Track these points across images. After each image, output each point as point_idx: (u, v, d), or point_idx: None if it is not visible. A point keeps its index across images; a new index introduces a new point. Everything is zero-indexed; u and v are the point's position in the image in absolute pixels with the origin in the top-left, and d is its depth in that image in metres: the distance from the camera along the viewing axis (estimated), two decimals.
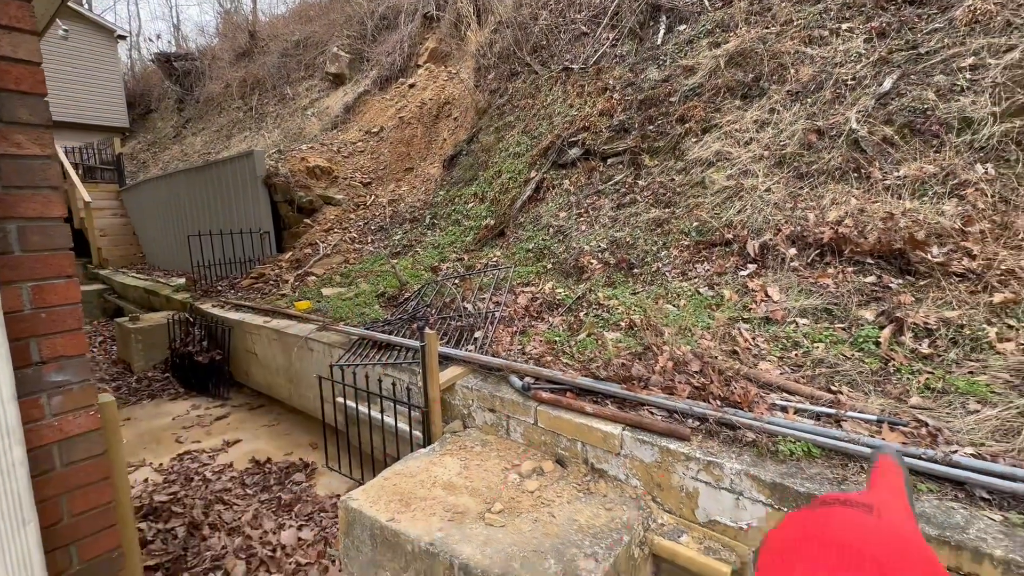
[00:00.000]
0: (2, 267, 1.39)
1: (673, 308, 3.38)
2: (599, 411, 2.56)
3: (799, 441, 2.11)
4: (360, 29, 13.03)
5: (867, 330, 2.66)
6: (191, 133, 16.00)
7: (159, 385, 5.93)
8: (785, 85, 4.26)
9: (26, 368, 1.47)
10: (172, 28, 29.37)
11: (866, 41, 4.08)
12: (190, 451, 4.30)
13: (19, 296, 1.45)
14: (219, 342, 5.59)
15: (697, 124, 4.59)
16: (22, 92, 1.43)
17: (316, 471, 3.95)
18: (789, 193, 3.70)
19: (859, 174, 3.51)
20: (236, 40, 17.04)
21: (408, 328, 3.93)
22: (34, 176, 1.46)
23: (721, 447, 2.22)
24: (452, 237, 5.82)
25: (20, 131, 1.43)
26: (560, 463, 2.65)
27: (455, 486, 2.50)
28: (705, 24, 5.20)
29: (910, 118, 3.52)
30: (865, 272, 3.01)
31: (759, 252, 3.47)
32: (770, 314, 2.99)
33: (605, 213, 4.63)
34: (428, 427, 3.08)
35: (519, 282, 4.41)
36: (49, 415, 1.52)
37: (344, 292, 5.37)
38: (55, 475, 1.53)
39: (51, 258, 1.50)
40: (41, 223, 1.48)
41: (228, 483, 3.73)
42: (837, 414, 2.20)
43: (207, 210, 8.61)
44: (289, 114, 13.10)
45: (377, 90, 11.18)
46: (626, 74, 5.51)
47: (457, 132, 8.09)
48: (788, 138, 3.95)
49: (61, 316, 1.52)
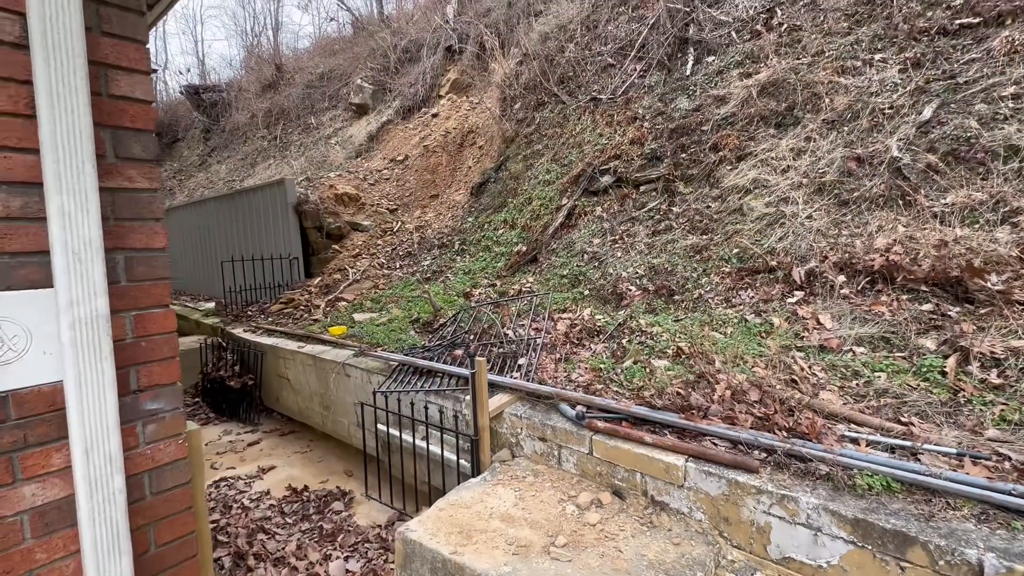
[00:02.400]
0: (111, 297, 1.43)
1: (720, 336, 3.35)
2: (659, 441, 2.52)
3: (876, 475, 2.05)
4: (383, 62, 13.48)
5: (930, 359, 2.61)
6: (216, 161, 16.46)
7: (190, 410, 5.95)
8: (820, 114, 4.31)
9: (125, 396, 1.49)
10: (199, 62, 30.57)
11: (901, 71, 4.13)
12: (226, 478, 4.28)
13: (123, 325, 1.48)
14: (251, 367, 5.62)
15: (731, 152, 4.64)
16: (136, 129, 1.49)
17: (354, 500, 3.90)
18: (832, 220, 3.69)
19: (904, 201, 3.50)
20: (262, 72, 17.69)
21: (448, 354, 3.93)
22: (142, 208, 1.51)
23: (793, 480, 2.16)
24: (483, 263, 5.87)
25: (133, 166, 1.48)
26: (618, 495, 2.60)
27: (513, 518, 2.46)
28: (734, 56, 5.31)
29: (953, 146, 3.53)
30: (921, 300, 2.97)
31: (806, 279, 3.45)
32: (825, 342, 2.95)
33: (641, 240, 4.65)
34: (477, 456, 3.04)
35: (556, 308, 4.41)
36: (143, 443, 1.53)
37: (376, 317, 5.40)
38: (145, 504, 1.54)
39: (153, 288, 1.54)
40: (146, 254, 1.52)
41: (267, 511, 3.70)
42: (913, 447, 2.15)
43: (237, 236, 8.78)
44: (313, 143, 13.45)
45: (400, 120, 11.48)
46: (656, 104, 5.61)
47: (483, 160, 8.24)
48: (827, 166, 3.97)
49: (159, 345, 1.55)
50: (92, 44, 1.40)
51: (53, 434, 1.36)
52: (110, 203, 1.45)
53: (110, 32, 1.44)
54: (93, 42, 1.40)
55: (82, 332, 1.33)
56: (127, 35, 1.47)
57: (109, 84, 1.44)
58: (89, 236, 1.32)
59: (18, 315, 1.30)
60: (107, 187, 1.44)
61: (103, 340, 1.36)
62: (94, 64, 1.40)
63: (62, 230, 1.29)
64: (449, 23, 12.22)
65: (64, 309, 1.30)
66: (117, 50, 1.45)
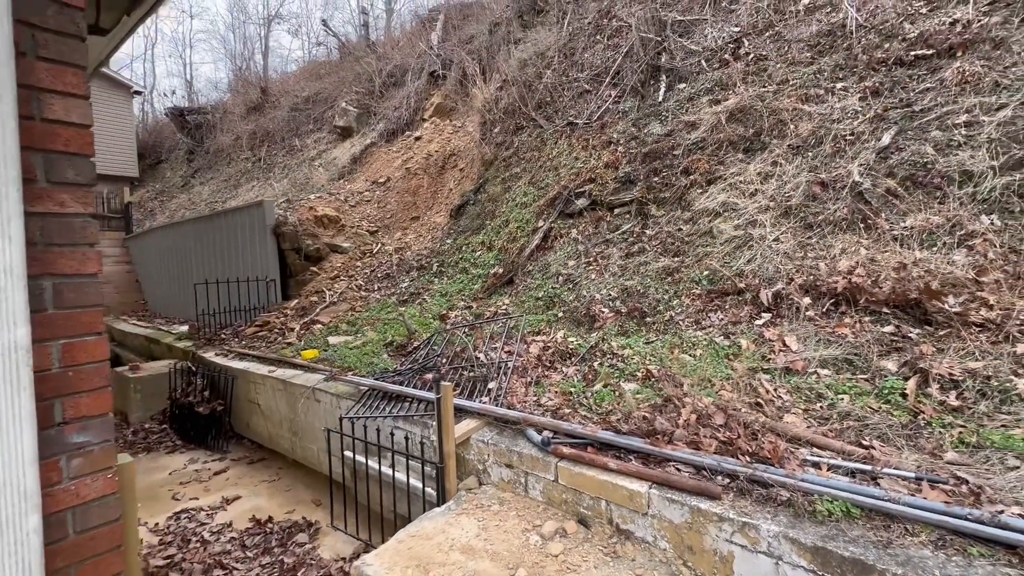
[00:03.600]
0: (36, 325, 1.37)
1: (690, 358, 3.35)
2: (623, 467, 2.48)
3: (837, 500, 2.03)
4: (368, 86, 13.64)
5: (891, 381, 2.63)
6: (199, 183, 16.36)
7: (156, 437, 5.76)
8: (786, 140, 4.42)
9: (48, 429, 1.42)
10: (186, 84, 30.66)
11: (861, 99, 4.27)
12: (187, 509, 4.11)
13: (49, 355, 1.42)
14: (221, 392, 5.48)
15: (702, 176, 4.72)
16: (70, 153, 1.46)
17: (320, 531, 3.77)
18: (798, 243, 3.75)
19: (866, 224, 3.57)
20: (248, 95, 17.78)
21: (419, 379, 3.87)
22: (74, 234, 1.47)
23: (755, 507, 2.13)
24: (460, 285, 5.84)
25: (65, 190, 1.45)
26: (583, 523, 2.54)
27: (474, 549, 2.38)
28: (704, 83, 5.45)
29: (911, 171, 3.63)
30: (882, 322, 3.00)
31: (773, 301, 3.48)
32: (790, 364, 2.96)
33: (614, 262, 4.67)
34: (442, 484, 2.96)
35: (530, 331, 4.38)
36: (67, 479, 1.46)
37: (351, 340, 5.32)
38: (67, 543, 1.45)
39: (83, 315, 1.48)
40: (77, 280, 1.47)
41: (228, 544, 3.55)
42: (873, 471, 2.13)
43: (213, 258, 8.67)
44: (297, 165, 13.46)
45: (384, 142, 11.56)
46: (629, 128, 5.72)
47: (463, 183, 8.30)
48: (793, 190, 4.05)
49: (88, 375, 1.49)
50: (26, 68, 1.38)
51: None
52: (39, 228, 1.41)
53: (46, 56, 1.42)
54: (27, 66, 1.38)
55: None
56: (64, 59, 1.45)
57: (43, 108, 1.42)
58: (8, 263, 1.27)
59: None
60: (36, 212, 1.40)
61: (21, 371, 1.30)
62: (26, 88, 1.37)
63: None
64: (433, 49, 12.45)
65: None
66: (52, 74, 1.43)
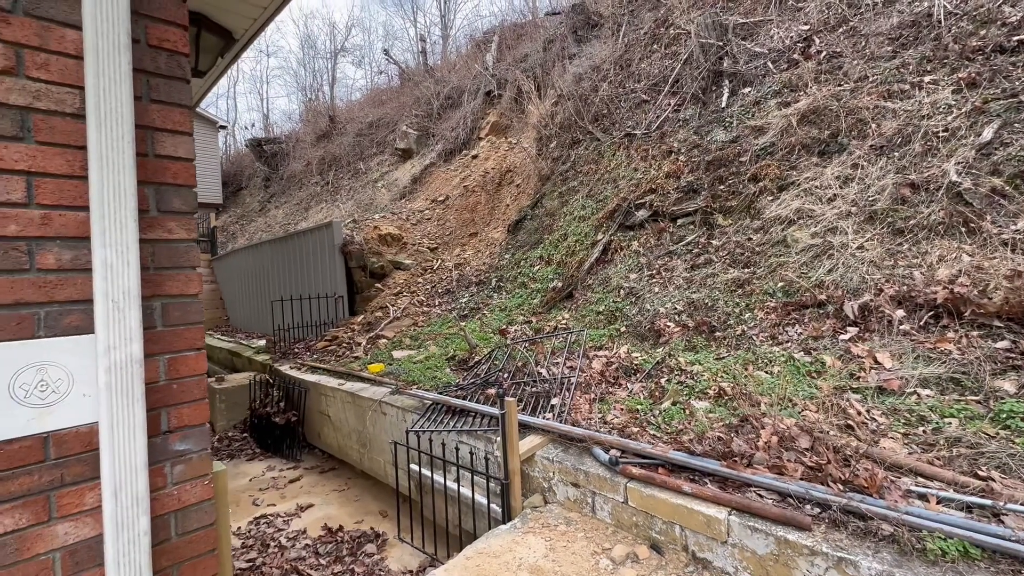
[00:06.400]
0: (146, 341, 1.51)
1: (767, 375, 3.14)
2: (698, 491, 2.35)
3: (951, 538, 1.81)
4: (427, 108, 14.20)
5: (1010, 404, 2.33)
6: (274, 207, 17.61)
7: (238, 445, 6.15)
8: (867, 140, 4.11)
9: (155, 437, 1.55)
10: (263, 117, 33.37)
11: (955, 92, 3.91)
12: (266, 515, 4.34)
13: (157, 368, 1.55)
14: (295, 403, 5.78)
15: (772, 182, 4.48)
16: (178, 185, 1.61)
17: (387, 542, 3.85)
18: (886, 250, 3.45)
19: (968, 228, 3.23)
20: (317, 124, 19.04)
21: (482, 393, 3.89)
22: (179, 258, 1.61)
23: (851, 540, 1.94)
24: (519, 300, 5.86)
25: (172, 219, 1.59)
26: (656, 549, 2.42)
27: (543, 570, 2.33)
28: (771, 86, 5.21)
29: (1020, 167, 3.26)
30: (994, 336, 2.68)
31: (859, 314, 3.21)
32: (884, 383, 2.70)
33: (679, 274, 4.51)
34: (507, 501, 2.94)
35: (591, 345, 4.31)
36: (171, 484, 1.57)
37: (414, 355, 5.46)
38: (170, 545, 1.56)
39: (186, 332, 1.61)
40: (181, 299, 1.61)
41: (303, 551, 3.70)
42: (995, 505, 1.89)
43: (288, 276, 9.25)
44: (361, 186, 14.18)
45: (442, 162, 11.95)
46: (691, 137, 5.55)
47: (520, 198, 8.38)
48: (878, 193, 3.75)
49: (189, 387, 1.61)
50: (141, 111, 1.54)
51: (87, 474, 1.42)
52: (151, 254, 1.55)
53: (158, 99, 1.58)
54: (142, 109, 1.54)
55: (117, 376, 1.40)
56: (173, 100, 1.60)
57: (155, 145, 1.57)
58: (128, 286, 1.41)
59: (63, 359, 1.39)
60: (148, 239, 1.54)
61: (136, 383, 1.43)
62: (142, 128, 1.53)
63: (104, 280, 1.38)
64: (488, 70, 12.79)
65: (102, 354, 1.39)
66: (163, 115, 1.58)
